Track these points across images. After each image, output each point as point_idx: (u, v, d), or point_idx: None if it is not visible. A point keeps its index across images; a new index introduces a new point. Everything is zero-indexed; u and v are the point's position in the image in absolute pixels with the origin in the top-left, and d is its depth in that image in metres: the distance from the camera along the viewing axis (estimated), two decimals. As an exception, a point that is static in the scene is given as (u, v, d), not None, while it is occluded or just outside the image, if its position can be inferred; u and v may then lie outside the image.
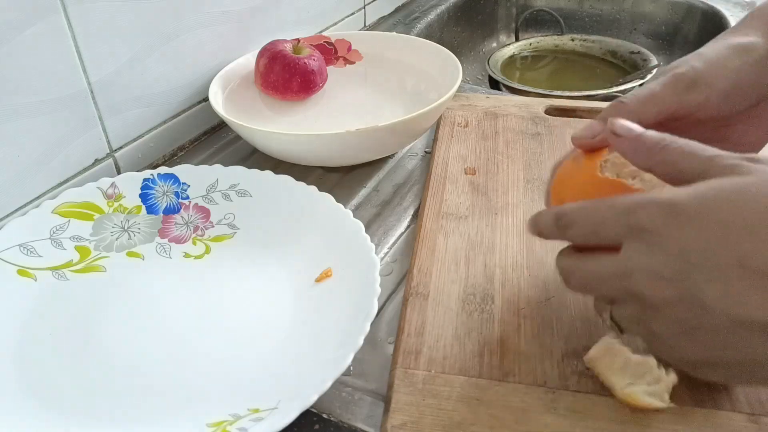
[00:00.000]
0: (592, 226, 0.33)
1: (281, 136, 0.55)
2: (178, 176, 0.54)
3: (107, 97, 0.56)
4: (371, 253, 0.45)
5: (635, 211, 0.30)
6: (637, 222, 0.30)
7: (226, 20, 0.67)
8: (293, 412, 0.34)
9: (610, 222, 0.31)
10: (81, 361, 0.41)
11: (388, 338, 0.43)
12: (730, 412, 0.35)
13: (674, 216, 0.29)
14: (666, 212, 0.29)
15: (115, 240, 0.51)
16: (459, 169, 0.57)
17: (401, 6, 1.04)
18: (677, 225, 0.29)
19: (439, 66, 0.67)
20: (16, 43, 0.48)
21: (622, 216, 0.31)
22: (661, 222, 0.29)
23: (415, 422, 0.35)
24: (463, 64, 0.68)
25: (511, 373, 0.38)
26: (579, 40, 1.11)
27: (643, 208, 0.30)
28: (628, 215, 0.30)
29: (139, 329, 0.44)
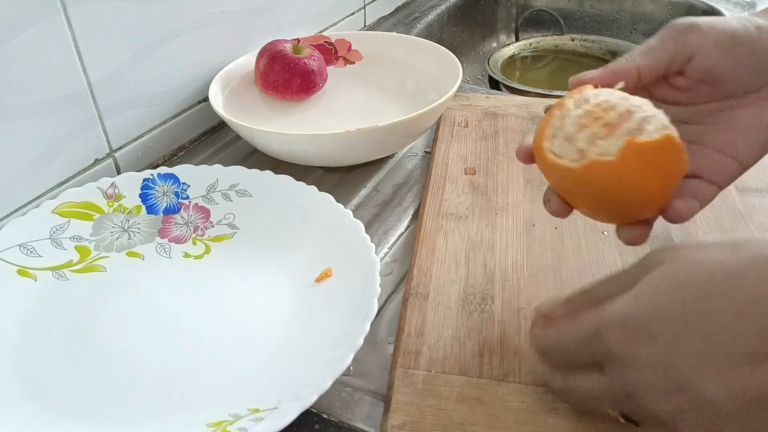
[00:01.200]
0: (567, 357, 0.33)
1: (281, 136, 0.55)
2: (178, 176, 0.54)
3: (107, 97, 0.56)
4: (371, 253, 0.45)
5: (597, 340, 0.30)
6: (606, 349, 0.30)
7: (226, 20, 0.67)
8: (293, 412, 0.34)
9: (580, 353, 0.32)
10: (81, 361, 0.41)
11: (388, 338, 0.43)
12: (730, 412, 0.35)
13: (635, 331, 0.29)
14: (627, 331, 0.29)
15: (115, 240, 0.51)
16: (459, 169, 0.57)
17: (401, 6, 1.04)
18: (644, 339, 0.29)
19: (439, 66, 0.67)
20: (16, 43, 0.48)
21: (588, 346, 0.31)
22: (627, 341, 0.29)
23: (415, 422, 0.35)
24: (463, 64, 0.68)
25: (511, 373, 0.38)
26: (579, 40, 1.11)
27: (603, 334, 0.30)
28: (593, 345, 0.31)
29: (138, 329, 0.44)
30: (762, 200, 0.53)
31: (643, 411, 0.30)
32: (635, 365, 0.29)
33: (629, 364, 0.29)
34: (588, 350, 0.31)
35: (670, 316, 0.28)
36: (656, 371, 0.29)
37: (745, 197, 0.53)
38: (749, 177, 0.55)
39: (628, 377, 0.29)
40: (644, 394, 0.29)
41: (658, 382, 0.29)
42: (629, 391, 0.30)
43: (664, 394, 0.29)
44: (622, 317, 0.30)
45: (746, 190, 0.54)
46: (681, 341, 0.28)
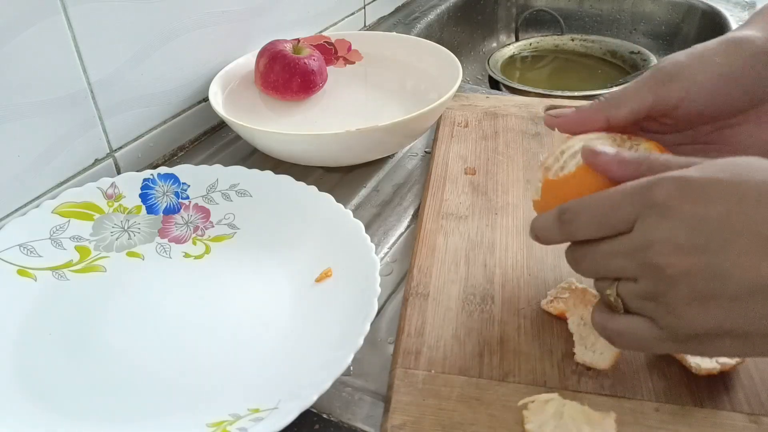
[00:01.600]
0: (602, 212, 0.32)
1: (281, 136, 0.55)
2: (178, 176, 0.54)
3: (107, 97, 0.56)
4: (371, 253, 0.45)
5: (650, 189, 0.30)
6: (652, 198, 0.30)
7: (226, 20, 0.67)
8: (293, 412, 0.34)
9: (622, 204, 0.31)
10: (81, 360, 0.41)
11: (388, 338, 0.43)
12: (730, 412, 0.35)
13: (689, 190, 0.29)
14: (681, 186, 0.30)
15: (115, 240, 0.51)
16: (459, 169, 0.57)
17: (401, 6, 1.04)
18: (693, 198, 0.29)
19: (439, 66, 0.67)
20: (16, 43, 0.48)
21: (636, 195, 0.31)
22: (677, 195, 0.30)
23: (415, 422, 0.35)
24: (463, 64, 0.68)
25: (511, 373, 0.38)
26: (579, 40, 1.11)
27: (658, 185, 0.30)
28: (642, 194, 0.31)
29: (138, 329, 0.44)
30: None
31: (649, 267, 0.30)
32: (672, 218, 0.29)
33: (667, 217, 0.30)
34: (630, 203, 0.31)
35: (729, 186, 0.29)
36: (688, 228, 0.29)
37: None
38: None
39: (659, 228, 0.30)
40: (665, 245, 0.30)
41: (684, 239, 0.29)
42: (651, 241, 0.30)
43: (683, 251, 0.29)
44: (683, 176, 0.30)
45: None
46: (728, 210, 0.28)
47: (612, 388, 0.37)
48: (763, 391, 0.36)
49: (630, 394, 0.36)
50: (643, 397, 0.36)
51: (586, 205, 0.33)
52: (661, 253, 0.30)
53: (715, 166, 0.30)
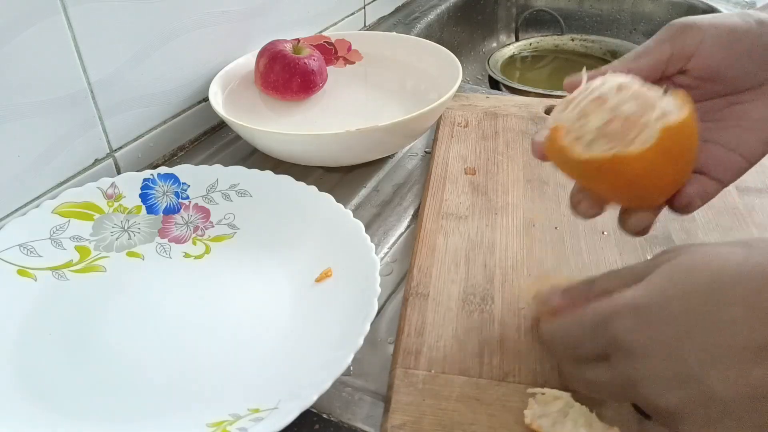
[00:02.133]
0: (572, 348, 0.33)
1: (281, 136, 0.55)
2: (178, 176, 0.54)
3: (107, 97, 0.56)
4: (371, 253, 0.45)
5: (605, 326, 0.30)
6: (612, 338, 0.30)
7: (226, 20, 0.67)
8: (293, 412, 0.34)
9: (585, 342, 0.32)
10: (81, 360, 0.41)
11: (388, 338, 0.43)
12: (730, 412, 0.35)
13: (645, 319, 0.29)
14: (636, 319, 0.29)
15: (115, 240, 0.51)
16: (459, 169, 0.57)
17: (401, 6, 1.04)
18: (652, 328, 0.29)
19: (439, 66, 0.67)
20: (16, 43, 0.48)
21: (595, 334, 0.31)
22: (636, 330, 0.29)
23: (415, 422, 0.35)
24: (463, 64, 0.68)
25: (511, 373, 0.38)
26: (579, 40, 1.11)
27: (612, 321, 0.30)
28: (600, 332, 0.30)
29: (138, 329, 0.44)
30: (762, 200, 0.53)
31: (647, 404, 0.30)
32: (642, 354, 0.29)
33: (636, 354, 0.29)
34: (594, 339, 0.31)
35: (680, 305, 0.28)
36: (662, 361, 0.28)
37: (745, 197, 0.53)
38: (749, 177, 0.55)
39: (634, 367, 0.29)
40: (649, 385, 0.29)
41: (663, 373, 0.28)
42: (634, 382, 0.29)
43: (669, 386, 0.28)
44: (633, 305, 0.29)
45: (746, 190, 0.54)
46: (690, 331, 0.28)
47: (612, 388, 0.37)
48: (763, 391, 0.36)
49: (630, 394, 0.36)
50: (643, 397, 0.36)
51: (558, 340, 0.34)
52: (648, 392, 0.29)
53: (661, 281, 0.29)
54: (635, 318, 0.29)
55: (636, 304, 0.29)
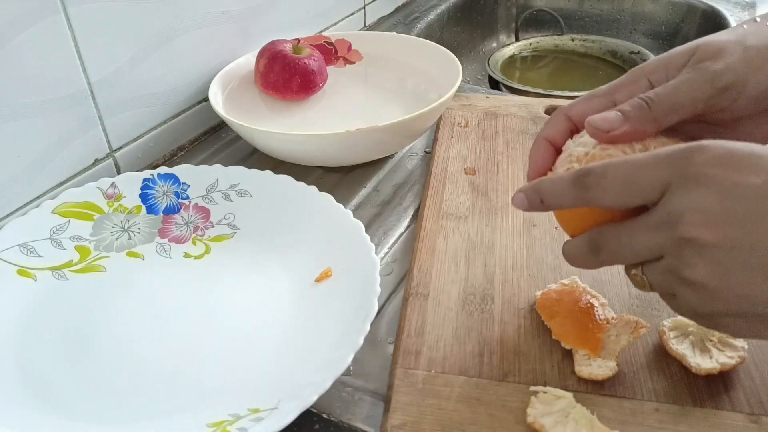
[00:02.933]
0: (630, 176, 0.30)
1: (281, 136, 0.55)
2: (178, 176, 0.54)
3: (107, 97, 0.56)
4: (371, 253, 0.45)
5: (690, 154, 0.29)
6: (691, 164, 0.29)
7: (226, 20, 0.67)
8: (293, 412, 0.34)
9: (656, 168, 0.30)
10: (81, 360, 0.41)
11: (388, 338, 0.43)
12: (730, 412, 0.35)
13: (731, 159, 0.28)
14: (722, 156, 0.29)
15: (115, 240, 0.51)
16: (459, 169, 0.57)
17: (401, 6, 1.04)
18: (733, 167, 0.28)
19: (439, 66, 0.67)
20: (16, 43, 0.48)
21: (672, 160, 0.30)
22: (717, 163, 0.28)
23: (415, 422, 0.35)
24: (463, 64, 0.68)
25: (511, 373, 0.38)
26: (579, 40, 1.11)
27: (699, 151, 0.29)
28: (680, 159, 0.29)
29: (139, 329, 0.44)
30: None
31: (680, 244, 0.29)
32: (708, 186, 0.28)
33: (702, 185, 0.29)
34: (665, 168, 0.30)
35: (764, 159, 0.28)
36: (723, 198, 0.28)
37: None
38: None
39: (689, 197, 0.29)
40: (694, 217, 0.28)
41: (717, 209, 0.28)
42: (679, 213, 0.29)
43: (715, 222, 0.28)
44: (726, 145, 0.29)
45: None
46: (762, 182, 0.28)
47: (612, 388, 0.37)
48: (763, 391, 0.36)
49: (630, 394, 0.36)
50: (643, 397, 0.36)
51: (612, 166, 0.31)
52: (692, 224, 0.29)
53: (756, 143, 0.29)
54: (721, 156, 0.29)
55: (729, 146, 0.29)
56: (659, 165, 0.30)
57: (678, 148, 0.30)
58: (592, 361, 0.37)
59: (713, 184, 0.28)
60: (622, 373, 0.38)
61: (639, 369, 0.38)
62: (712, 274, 0.29)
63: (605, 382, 0.37)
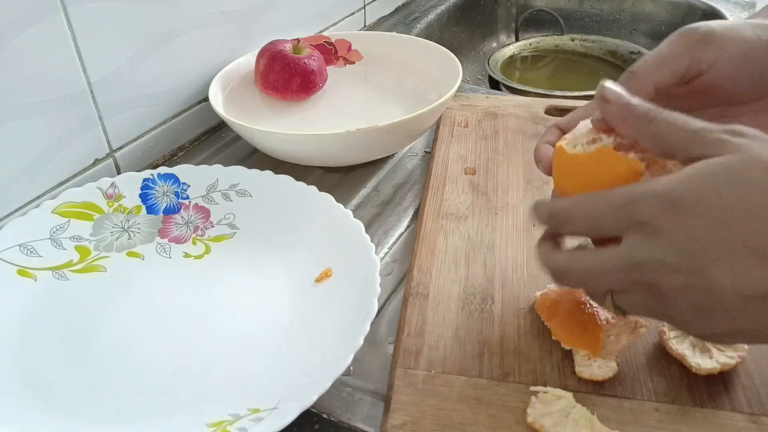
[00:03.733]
0: (589, 221, 0.33)
1: (281, 136, 0.55)
2: (178, 176, 0.54)
3: (107, 97, 0.56)
4: (371, 253, 0.45)
5: (634, 205, 0.30)
6: (637, 216, 0.30)
7: (226, 20, 0.67)
8: (293, 412, 0.34)
9: (607, 217, 0.32)
10: (81, 360, 0.41)
11: (388, 338, 0.43)
12: (730, 412, 0.35)
13: (673, 206, 0.29)
14: (665, 204, 0.29)
15: (115, 240, 0.51)
16: (459, 169, 0.57)
17: (401, 6, 1.04)
18: (677, 215, 0.29)
19: (439, 66, 0.67)
20: (16, 43, 0.48)
21: (620, 211, 0.31)
22: (661, 214, 0.29)
23: (415, 422, 0.35)
24: (463, 64, 0.68)
25: (511, 373, 0.38)
26: (579, 40, 1.11)
27: (641, 202, 0.30)
28: (626, 210, 0.31)
29: (138, 329, 0.44)
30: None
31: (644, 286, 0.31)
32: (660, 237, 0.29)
33: (655, 236, 0.30)
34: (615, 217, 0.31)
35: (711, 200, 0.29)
36: (677, 247, 0.29)
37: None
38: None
39: (648, 248, 0.30)
40: (657, 266, 0.30)
41: (675, 258, 0.29)
42: (641, 262, 0.30)
43: (676, 271, 0.29)
44: (665, 191, 0.29)
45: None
46: (712, 225, 0.28)
47: (612, 389, 0.37)
48: (763, 391, 0.36)
49: (630, 394, 0.36)
50: (643, 397, 0.36)
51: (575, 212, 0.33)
52: (653, 273, 0.30)
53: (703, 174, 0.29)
54: (663, 203, 0.29)
55: (669, 192, 0.29)
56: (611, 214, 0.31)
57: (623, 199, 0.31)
58: (592, 361, 0.37)
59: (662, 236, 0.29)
60: (622, 373, 0.38)
61: (639, 369, 0.38)
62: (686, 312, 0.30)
63: (605, 382, 0.37)
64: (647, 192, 0.30)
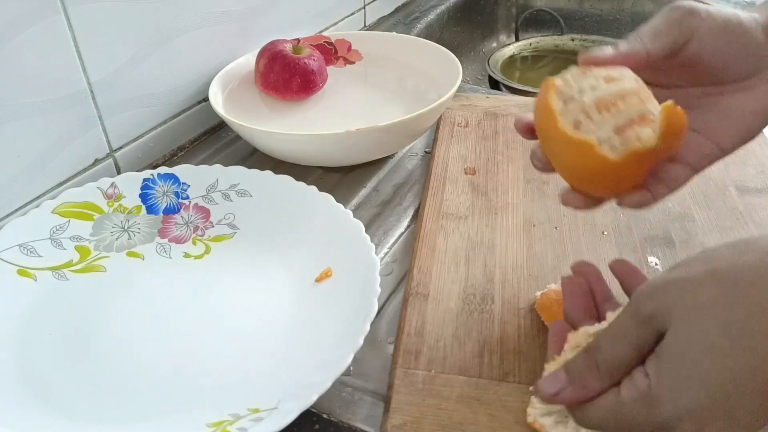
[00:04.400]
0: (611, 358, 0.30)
1: (281, 136, 0.55)
2: (178, 176, 0.54)
3: (107, 97, 0.56)
4: (371, 253, 0.45)
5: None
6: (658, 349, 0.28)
7: (226, 20, 0.67)
8: (293, 412, 0.34)
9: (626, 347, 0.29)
10: (81, 360, 0.41)
11: (388, 338, 0.43)
12: (730, 412, 0.35)
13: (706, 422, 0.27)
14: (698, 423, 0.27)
15: (115, 240, 0.51)
16: (459, 169, 0.57)
17: (401, 6, 1.04)
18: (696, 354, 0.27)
19: (439, 66, 0.67)
20: (16, 43, 0.48)
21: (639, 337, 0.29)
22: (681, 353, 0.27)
23: (415, 422, 0.35)
24: (463, 64, 0.68)
25: (511, 373, 0.38)
26: (579, 40, 1.11)
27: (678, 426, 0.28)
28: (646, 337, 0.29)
29: (138, 329, 0.44)
30: (762, 200, 0.53)
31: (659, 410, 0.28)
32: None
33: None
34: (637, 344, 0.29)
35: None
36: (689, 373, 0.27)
37: (745, 197, 0.53)
38: (749, 177, 0.55)
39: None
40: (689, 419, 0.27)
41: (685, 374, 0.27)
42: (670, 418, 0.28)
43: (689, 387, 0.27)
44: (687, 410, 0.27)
45: (746, 190, 0.54)
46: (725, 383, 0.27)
47: (612, 388, 0.37)
48: (763, 391, 0.36)
49: (630, 394, 0.36)
50: (643, 397, 0.36)
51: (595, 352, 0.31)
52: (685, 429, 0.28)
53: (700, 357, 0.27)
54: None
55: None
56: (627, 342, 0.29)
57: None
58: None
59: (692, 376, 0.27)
60: (622, 373, 0.37)
61: (639, 369, 0.38)
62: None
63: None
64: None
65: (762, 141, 0.59)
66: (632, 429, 0.29)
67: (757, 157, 0.58)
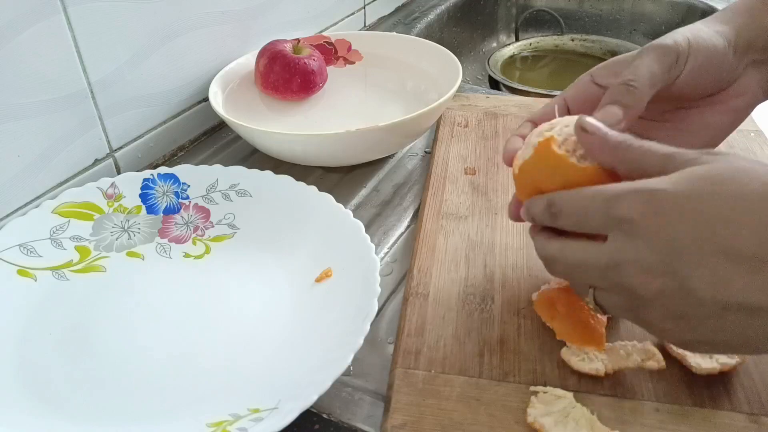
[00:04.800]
0: (577, 216, 0.33)
1: (281, 136, 0.55)
2: (178, 176, 0.54)
3: (107, 97, 0.56)
4: (371, 253, 0.45)
5: (617, 202, 0.31)
6: (619, 213, 0.30)
7: (226, 20, 0.67)
8: (293, 412, 0.34)
9: (593, 213, 0.32)
10: (81, 360, 0.41)
11: (388, 338, 0.43)
12: (730, 412, 0.35)
13: (655, 206, 0.29)
14: (646, 202, 0.30)
15: (115, 240, 0.51)
16: (459, 169, 0.57)
17: (401, 6, 1.04)
18: (659, 215, 0.29)
19: (439, 66, 0.67)
20: (16, 43, 0.48)
21: (604, 207, 0.31)
22: (642, 212, 0.30)
23: (415, 422, 0.35)
24: (463, 64, 0.68)
25: (511, 373, 0.38)
26: (579, 40, 1.11)
27: (624, 199, 0.30)
28: (609, 206, 0.31)
29: (138, 329, 0.44)
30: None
31: (622, 287, 0.31)
32: (640, 237, 0.30)
33: (635, 235, 0.30)
34: (600, 213, 0.31)
35: (694, 203, 0.29)
36: (656, 249, 0.29)
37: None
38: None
39: (627, 247, 0.30)
40: (634, 268, 0.30)
41: (653, 260, 0.29)
42: (619, 263, 0.30)
43: (653, 274, 0.29)
44: (652, 190, 0.30)
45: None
46: (694, 228, 0.28)
47: (612, 388, 0.37)
48: (763, 391, 0.36)
49: (630, 394, 0.36)
50: (643, 397, 0.36)
51: (567, 204, 0.34)
52: (631, 275, 0.30)
53: (689, 179, 0.29)
54: (648, 202, 0.30)
55: (653, 191, 0.30)
56: (594, 211, 0.32)
57: (604, 195, 0.31)
58: (583, 354, 0.38)
59: (642, 235, 0.30)
60: (622, 373, 0.38)
61: (639, 369, 0.38)
62: (660, 317, 0.31)
63: (605, 382, 0.37)
64: (632, 189, 0.30)
65: (762, 141, 0.59)
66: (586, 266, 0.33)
67: (757, 157, 0.58)
